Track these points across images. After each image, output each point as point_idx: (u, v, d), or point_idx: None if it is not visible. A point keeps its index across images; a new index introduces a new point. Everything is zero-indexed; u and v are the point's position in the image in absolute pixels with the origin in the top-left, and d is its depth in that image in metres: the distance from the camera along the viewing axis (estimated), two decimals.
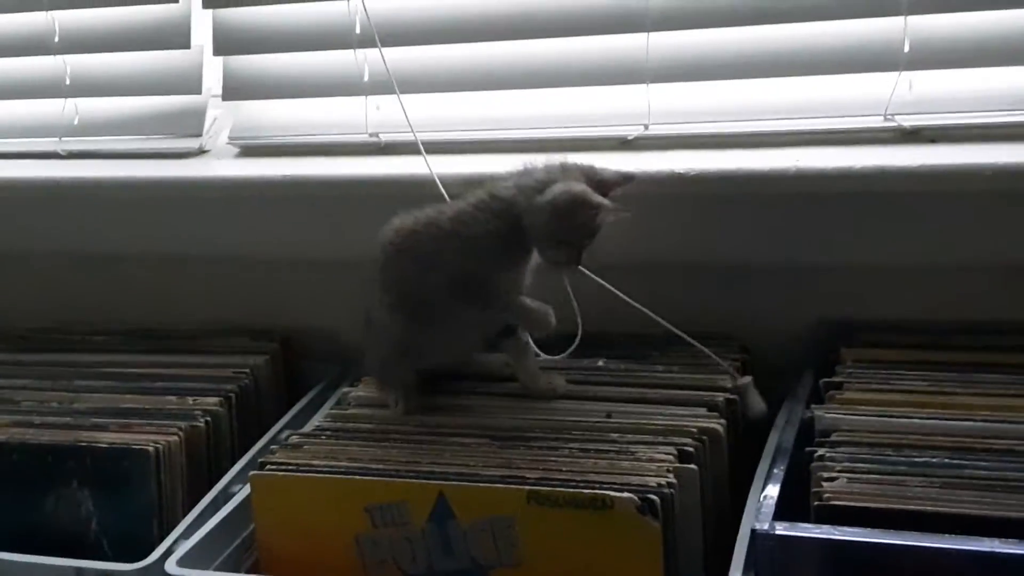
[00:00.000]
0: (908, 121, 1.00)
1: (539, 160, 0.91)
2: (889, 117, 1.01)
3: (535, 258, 0.91)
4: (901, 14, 0.98)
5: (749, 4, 1.02)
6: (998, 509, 0.77)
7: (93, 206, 1.19)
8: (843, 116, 1.02)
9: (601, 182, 0.89)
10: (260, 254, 1.16)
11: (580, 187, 0.87)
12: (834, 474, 0.82)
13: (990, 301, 0.98)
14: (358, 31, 1.11)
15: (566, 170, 0.89)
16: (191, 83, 1.19)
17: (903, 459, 0.83)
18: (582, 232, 0.87)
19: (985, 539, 0.74)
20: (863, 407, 0.89)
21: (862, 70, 1.01)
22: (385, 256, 0.94)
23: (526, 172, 0.91)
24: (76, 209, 1.19)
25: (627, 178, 0.91)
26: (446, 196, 0.99)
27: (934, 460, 0.82)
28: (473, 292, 0.91)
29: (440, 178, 1.05)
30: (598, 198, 0.86)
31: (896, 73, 1.00)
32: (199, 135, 1.20)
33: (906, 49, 0.99)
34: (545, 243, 0.89)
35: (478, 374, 1.00)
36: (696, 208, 1.01)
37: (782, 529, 0.77)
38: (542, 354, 0.99)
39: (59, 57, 1.22)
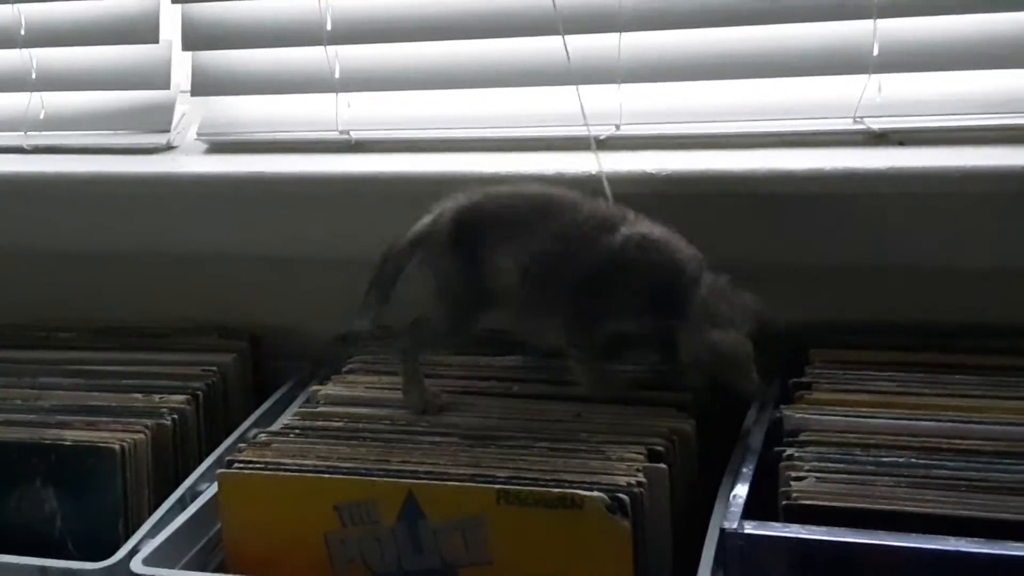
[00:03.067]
0: (877, 124, 1.01)
1: (726, 281, 0.90)
2: (858, 120, 1.01)
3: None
4: (871, 17, 0.99)
5: (720, 6, 1.02)
6: (963, 508, 0.78)
7: (59, 202, 1.17)
8: (813, 118, 1.03)
9: (764, 335, 0.88)
10: (228, 251, 1.15)
11: (747, 353, 0.86)
12: (802, 473, 0.82)
13: (957, 303, 0.99)
14: (329, 27, 1.11)
15: (748, 313, 0.88)
16: (159, 78, 1.18)
17: (871, 459, 0.84)
18: (718, 379, 0.88)
19: (951, 538, 0.74)
20: (831, 407, 0.90)
21: (832, 73, 1.02)
22: (540, 220, 0.91)
23: (719, 290, 0.89)
24: (41, 205, 1.18)
25: (779, 337, 0.90)
26: (609, 195, 0.97)
27: (901, 460, 0.83)
28: (580, 299, 0.90)
29: (414, 177, 1.05)
30: (752, 376, 0.86)
31: (865, 76, 1.00)
32: (167, 131, 1.19)
33: (875, 52, 1.00)
34: (688, 363, 0.88)
35: None
36: (666, 208, 1.00)
37: (751, 528, 0.78)
38: None
39: (25, 50, 1.21)
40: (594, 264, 0.90)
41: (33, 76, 1.22)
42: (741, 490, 0.83)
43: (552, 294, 0.91)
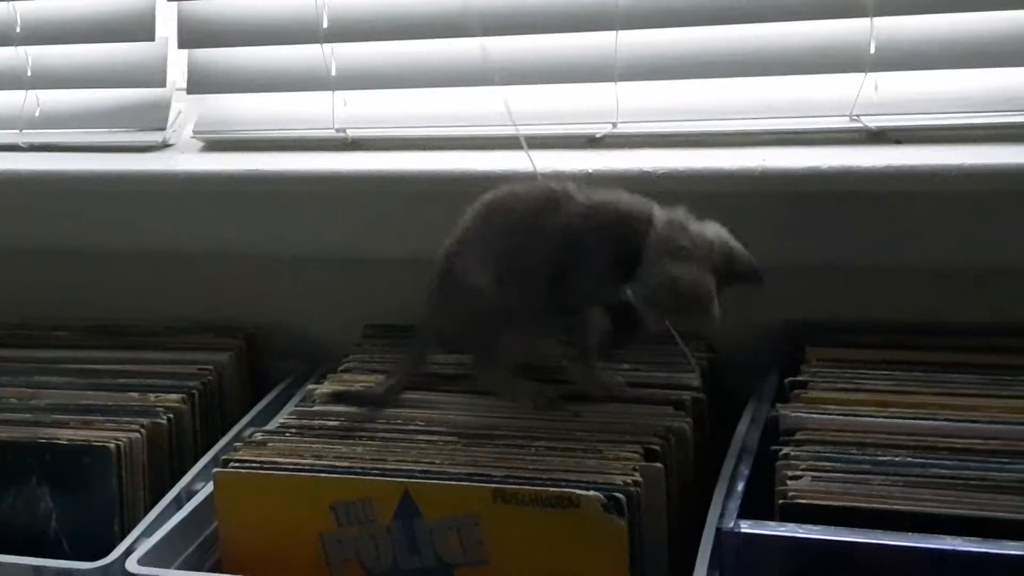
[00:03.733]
0: (873, 122, 1.01)
1: (684, 214, 0.88)
2: (855, 118, 1.01)
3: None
4: (867, 16, 0.99)
5: (717, 3, 1.02)
6: (959, 508, 0.78)
7: (54, 200, 1.17)
8: (809, 116, 1.03)
9: (732, 269, 0.86)
10: (224, 249, 1.15)
11: (708, 290, 0.84)
12: (799, 473, 0.82)
13: (954, 302, 0.99)
14: (325, 25, 1.11)
15: (711, 248, 0.86)
16: (155, 76, 1.18)
17: (867, 458, 0.84)
18: (678, 320, 0.87)
19: (946, 537, 0.74)
20: (828, 406, 0.90)
21: (828, 71, 1.02)
22: (485, 222, 0.92)
23: (677, 225, 0.87)
24: (37, 203, 1.18)
25: (758, 278, 0.87)
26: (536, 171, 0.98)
27: (897, 459, 0.83)
28: (562, 289, 0.90)
29: (411, 175, 1.05)
30: (712, 312, 0.83)
31: (862, 74, 1.00)
32: (163, 128, 1.18)
33: (872, 51, 0.99)
34: (643, 303, 0.86)
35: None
36: (663, 206, 1.01)
37: (747, 527, 0.77)
38: None
39: (20, 48, 1.21)
40: (551, 249, 0.90)
41: (28, 73, 1.21)
42: (737, 489, 0.83)
43: (530, 288, 0.91)
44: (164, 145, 1.18)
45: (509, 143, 1.06)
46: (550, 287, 0.90)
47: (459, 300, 0.94)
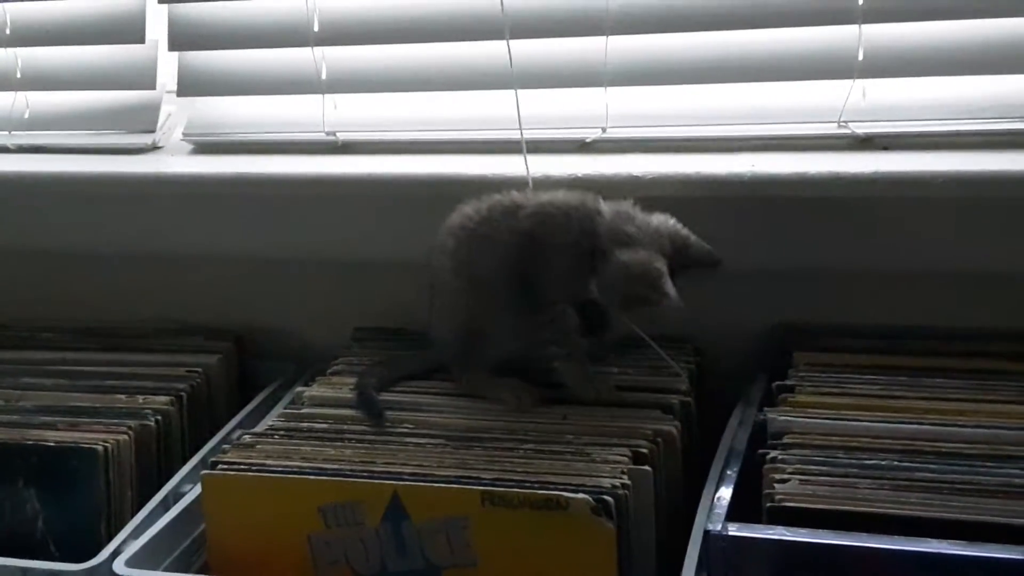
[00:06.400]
0: (861, 128, 1.02)
1: (631, 206, 0.91)
2: (843, 124, 1.02)
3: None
4: (856, 22, 1.00)
5: (707, 10, 1.03)
6: (945, 511, 0.79)
7: (43, 201, 1.17)
8: (798, 123, 1.03)
9: (686, 254, 0.89)
10: (214, 252, 1.15)
11: (657, 268, 0.86)
12: (786, 476, 0.83)
13: (940, 307, 1.00)
14: (316, 28, 1.11)
15: (658, 234, 0.89)
16: (145, 78, 1.18)
17: (854, 461, 0.84)
18: (639, 304, 0.87)
19: (932, 540, 0.75)
20: (815, 410, 0.90)
21: (817, 77, 1.03)
22: (456, 240, 0.95)
23: (623, 215, 0.90)
24: (25, 204, 1.18)
25: (714, 262, 0.90)
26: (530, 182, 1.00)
27: (884, 463, 0.84)
28: (528, 292, 0.92)
29: (401, 179, 1.05)
30: (665, 288, 0.85)
31: (850, 81, 1.01)
32: (153, 131, 1.18)
33: (860, 57, 1.00)
34: (605, 295, 0.89)
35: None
36: (652, 211, 1.01)
37: (735, 530, 0.78)
38: None
39: (10, 49, 1.21)
40: (508, 256, 0.92)
41: (18, 75, 1.21)
42: (725, 492, 0.84)
43: (496, 294, 0.93)
44: (154, 147, 1.18)
45: (499, 147, 1.07)
46: (516, 291, 0.92)
47: (439, 310, 0.97)
